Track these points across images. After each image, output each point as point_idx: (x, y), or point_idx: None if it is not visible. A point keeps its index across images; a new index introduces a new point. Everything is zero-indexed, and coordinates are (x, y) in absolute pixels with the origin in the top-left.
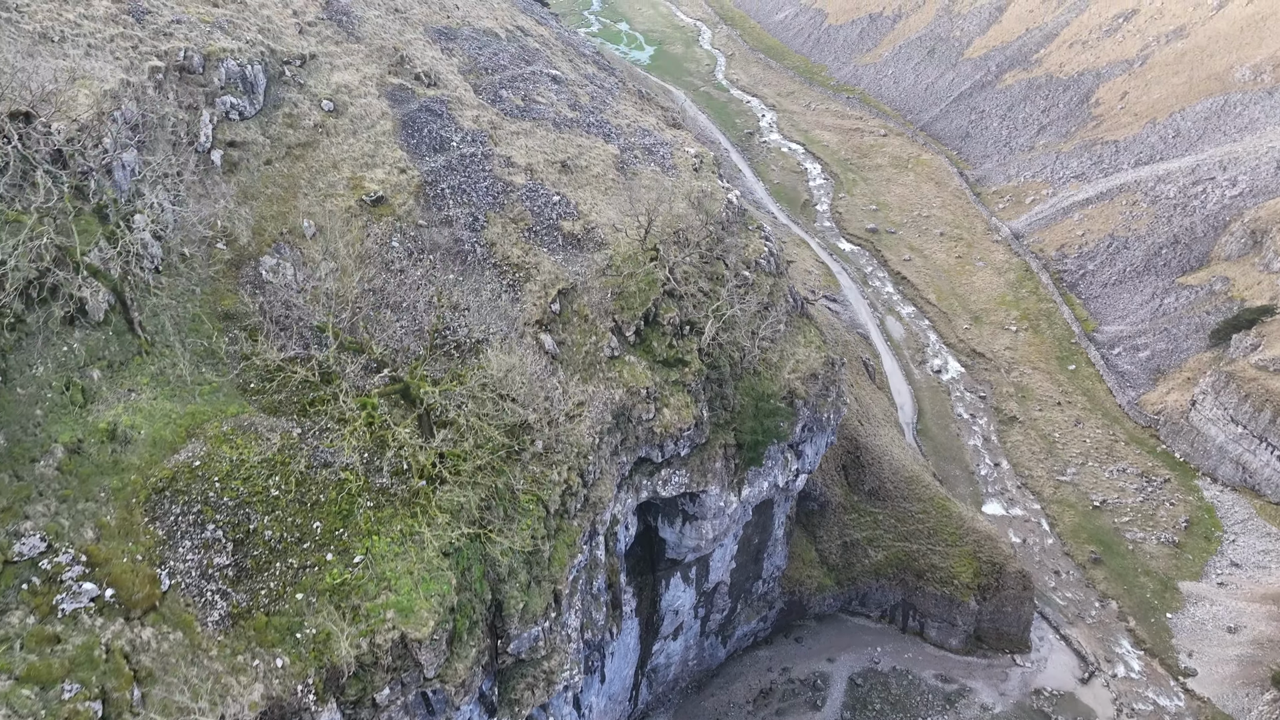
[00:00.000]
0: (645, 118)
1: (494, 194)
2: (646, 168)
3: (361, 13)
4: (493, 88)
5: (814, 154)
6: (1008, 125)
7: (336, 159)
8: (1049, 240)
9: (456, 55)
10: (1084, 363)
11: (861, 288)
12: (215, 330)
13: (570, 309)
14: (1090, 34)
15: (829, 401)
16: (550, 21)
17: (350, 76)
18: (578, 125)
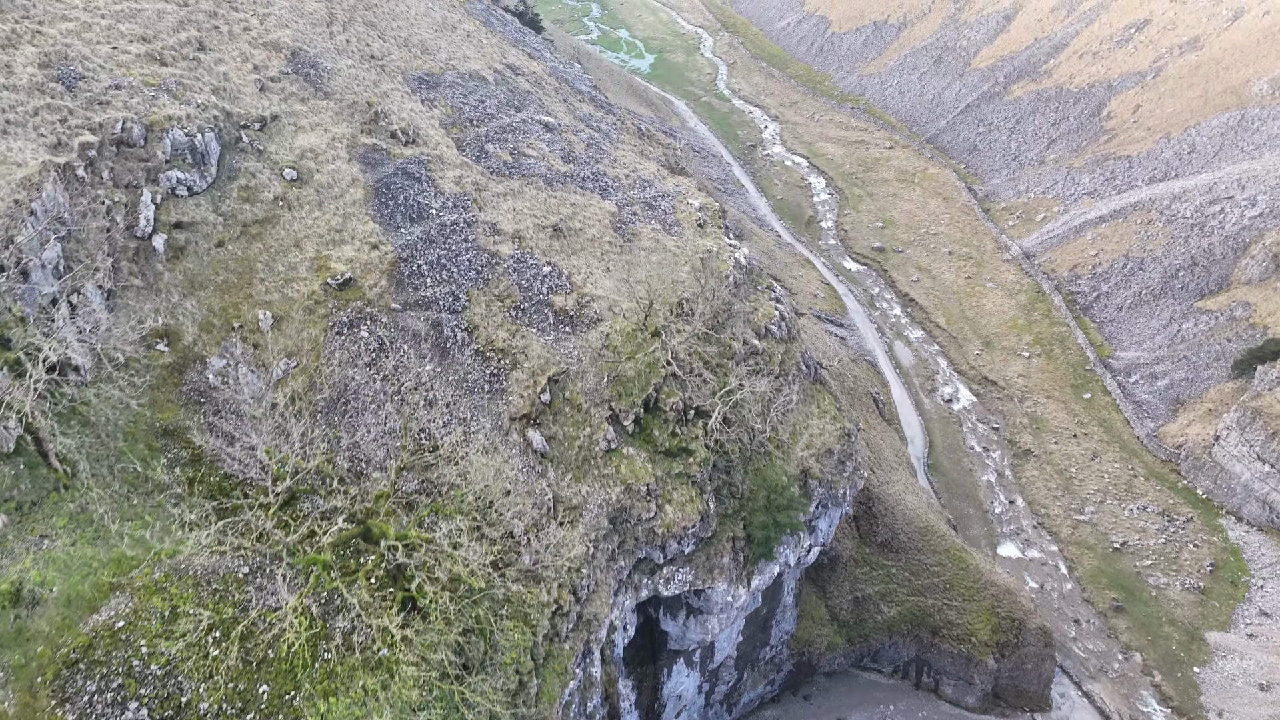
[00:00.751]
0: (645, 164)
1: (478, 268)
2: (647, 226)
3: (332, 63)
4: (478, 141)
5: (818, 167)
6: (1017, 138)
7: (299, 236)
8: (1061, 260)
9: (438, 106)
10: (1100, 391)
11: (869, 310)
12: (151, 452)
13: (562, 397)
14: (1101, 44)
15: (845, 476)
16: (544, 53)
17: (317, 139)
18: (571, 180)
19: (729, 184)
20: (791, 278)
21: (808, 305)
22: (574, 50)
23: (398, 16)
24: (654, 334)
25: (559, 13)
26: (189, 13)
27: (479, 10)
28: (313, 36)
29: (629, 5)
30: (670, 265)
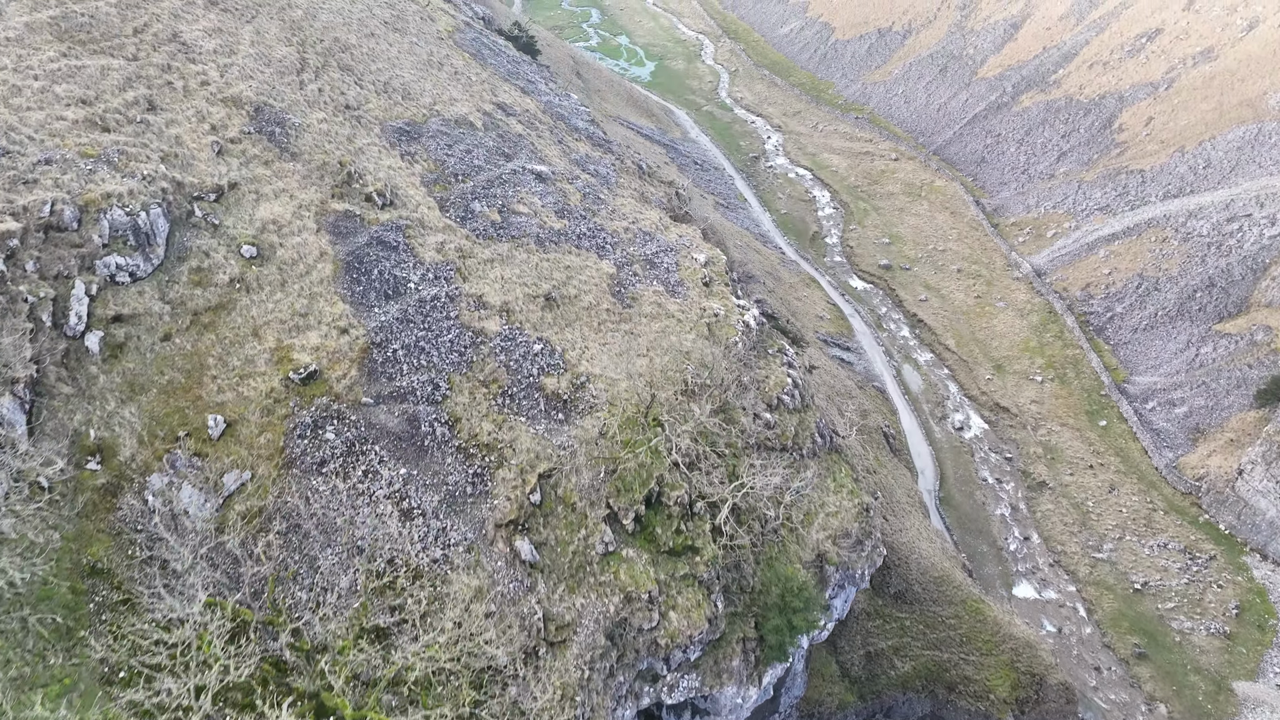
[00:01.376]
0: (646, 212)
1: (460, 349)
2: (648, 288)
3: (301, 118)
4: (463, 200)
5: (822, 180)
6: (1026, 151)
7: (258, 323)
8: (1073, 279)
9: (420, 160)
10: (1115, 418)
11: (876, 332)
12: (75, 595)
13: (554, 496)
14: (1112, 54)
15: (864, 555)
16: (538, 85)
17: (281, 208)
18: (566, 238)
19: (731, 198)
20: (797, 299)
21: (813, 328)
22: (572, 62)
23: (378, 57)
24: (655, 423)
25: (558, 18)
26: (138, 68)
27: (469, 41)
28: (280, 88)
29: (629, 11)
30: (675, 333)
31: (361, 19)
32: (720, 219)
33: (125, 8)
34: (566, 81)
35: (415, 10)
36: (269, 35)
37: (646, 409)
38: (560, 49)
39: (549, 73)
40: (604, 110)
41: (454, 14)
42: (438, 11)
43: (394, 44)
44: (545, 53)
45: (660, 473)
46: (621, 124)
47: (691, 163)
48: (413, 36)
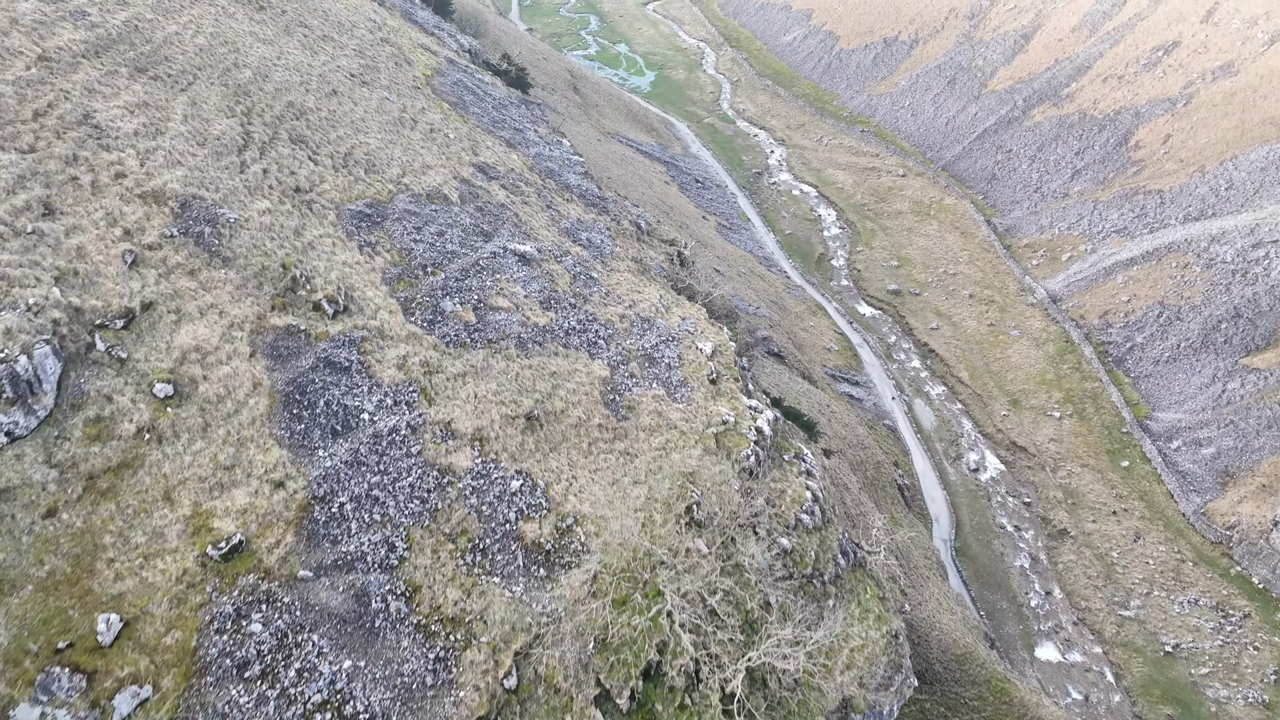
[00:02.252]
0: (646, 288)
1: (423, 495)
2: (647, 393)
3: (239, 211)
4: (432, 298)
5: (828, 198)
6: (1038, 168)
7: (171, 484)
8: (1090, 305)
9: (382, 251)
10: (1138, 458)
11: (886, 364)
12: None
13: (533, 675)
14: (1127, 68)
15: (893, 690)
16: (527, 132)
17: (208, 330)
18: (553, 336)
19: (734, 218)
20: (803, 329)
21: (821, 362)
22: (570, 77)
23: (339, 121)
24: (655, 593)
25: (556, 25)
26: (35, 161)
27: (449, 86)
28: (215, 174)
29: (628, 18)
30: (678, 449)
31: (324, 74)
32: (722, 242)
33: (25, 86)
34: (563, 98)
35: (389, 55)
36: (207, 106)
37: (645, 559)
38: (556, 63)
39: (540, 110)
40: (602, 126)
41: (436, 50)
42: (416, 51)
43: (360, 102)
44: (541, 68)
45: (660, 638)
46: (620, 141)
47: (693, 181)
48: (382, 90)
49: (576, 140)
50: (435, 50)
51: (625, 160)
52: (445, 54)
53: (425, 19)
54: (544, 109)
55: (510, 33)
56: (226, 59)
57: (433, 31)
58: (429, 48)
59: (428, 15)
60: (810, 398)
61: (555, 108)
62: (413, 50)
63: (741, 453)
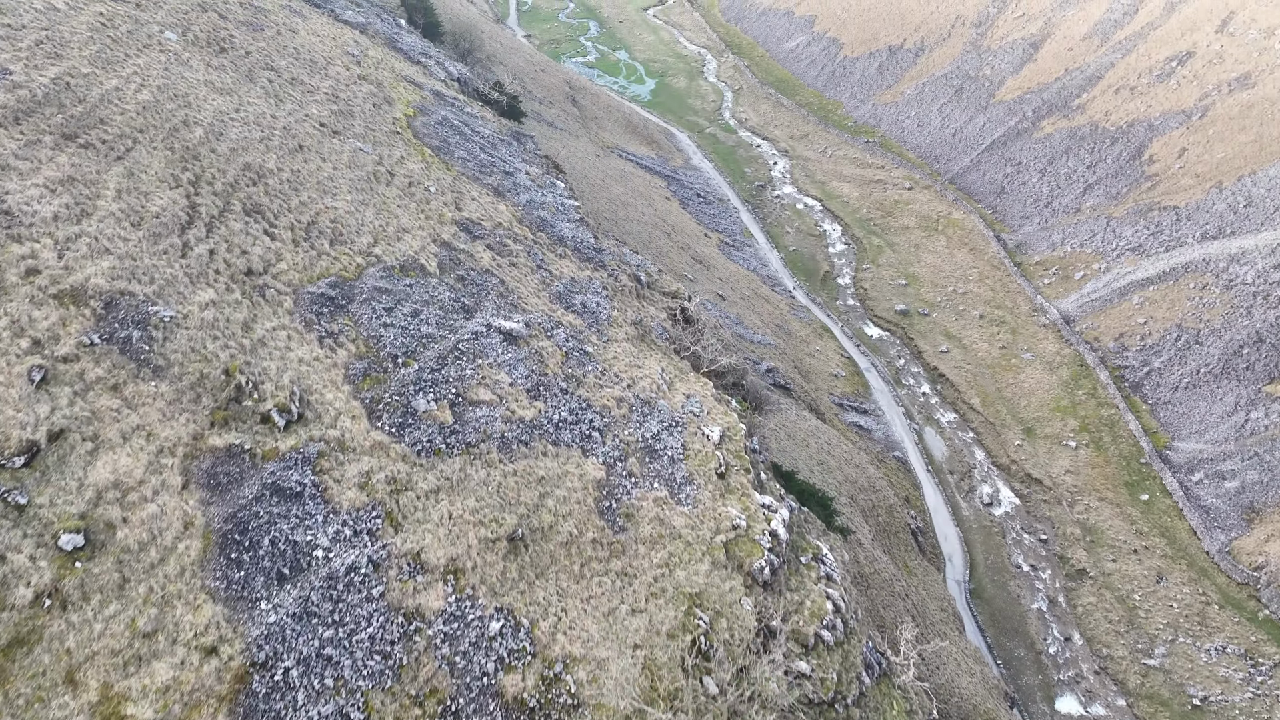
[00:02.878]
0: (646, 361)
1: (385, 648)
2: (647, 496)
3: (176, 307)
4: (403, 396)
5: (832, 212)
6: (1049, 181)
7: (76, 662)
8: (1105, 327)
9: (347, 342)
10: (1159, 491)
11: (894, 389)
12: None
13: None
14: (1139, 78)
15: None
16: (518, 174)
17: (131, 459)
18: (541, 432)
19: (736, 234)
20: (809, 354)
21: (828, 389)
22: (568, 89)
23: (304, 182)
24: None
25: (555, 32)
26: None
27: (432, 126)
28: (150, 261)
29: (628, 24)
30: (682, 564)
31: (289, 126)
32: (725, 261)
33: None
34: (561, 111)
35: (366, 95)
36: (147, 176)
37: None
38: (554, 74)
39: (534, 144)
40: (601, 140)
41: (422, 82)
42: (399, 86)
43: (329, 157)
44: (538, 80)
45: None
46: (619, 155)
47: (694, 195)
48: (356, 139)
49: (574, 157)
50: (420, 82)
51: (624, 176)
52: (432, 86)
53: (411, 45)
54: (538, 141)
55: (507, 42)
56: (175, 116)
57: (418, 60)
58: (413, 80)
59: (414, 40)
60: (818, 438)
61: (553, 122)
62: (395, 85)
63: (754, 564)
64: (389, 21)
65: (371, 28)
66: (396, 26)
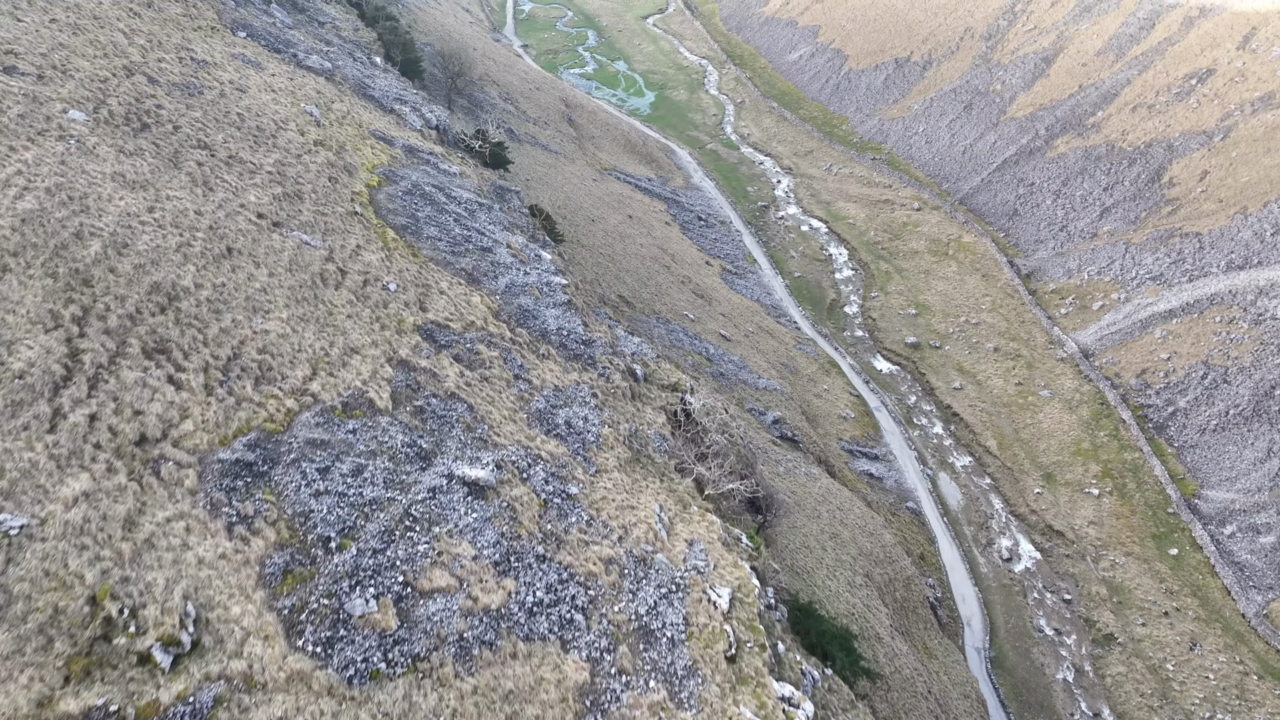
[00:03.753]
0: (641, 495)
1: None
2: (642, 700)
3: (32, 509)
4: (334, 596)
5: (838, 234)
6: (1063, 204)
7: None
8: (1126, 362)
9: (264, 526)
10: (1188, 544)
11: (906, 430)
12: None
13: None
14: (1157, 96)
15: None
16: (496, 255)
17: None
18: (510, 623)
19: (739, 259)
20: (816, 395)
21: (837, 434)
22: (564, 108)
23: (230, 299)
24: None
25: (551, 41)
26: None
27: (398, 198)
28: (2, 446)
29: (627, 33)
30: None
31: (216, 224)
32: (727, 292)
33: None
34: (556, 132)
35: (321, 166)
36: (16, 317)
37: None
38: (550, 92)
39: (519, 203)
40: (599, 161)
41: (394, 136)
42: (364, 147)
43: (265, 259)
44: (533, 99)
45: None
46: (617, 177)
47: (695, 219)
48: (303, 229)
49: (569, 185)
50: (392, 136)
51: (622, 202)
52: (405, 140)
53: (385, 89)
54: (525, 190)
55: (500, 59)
56: (65, 228)
57: (392, 108)
58: (384, 134)
59: (389, 82)
60: (830, 503)
61: (548, 145)
62: (360, 146)
63: None
64: (362, 61)
65: (340, 73)
66: (370, 66)
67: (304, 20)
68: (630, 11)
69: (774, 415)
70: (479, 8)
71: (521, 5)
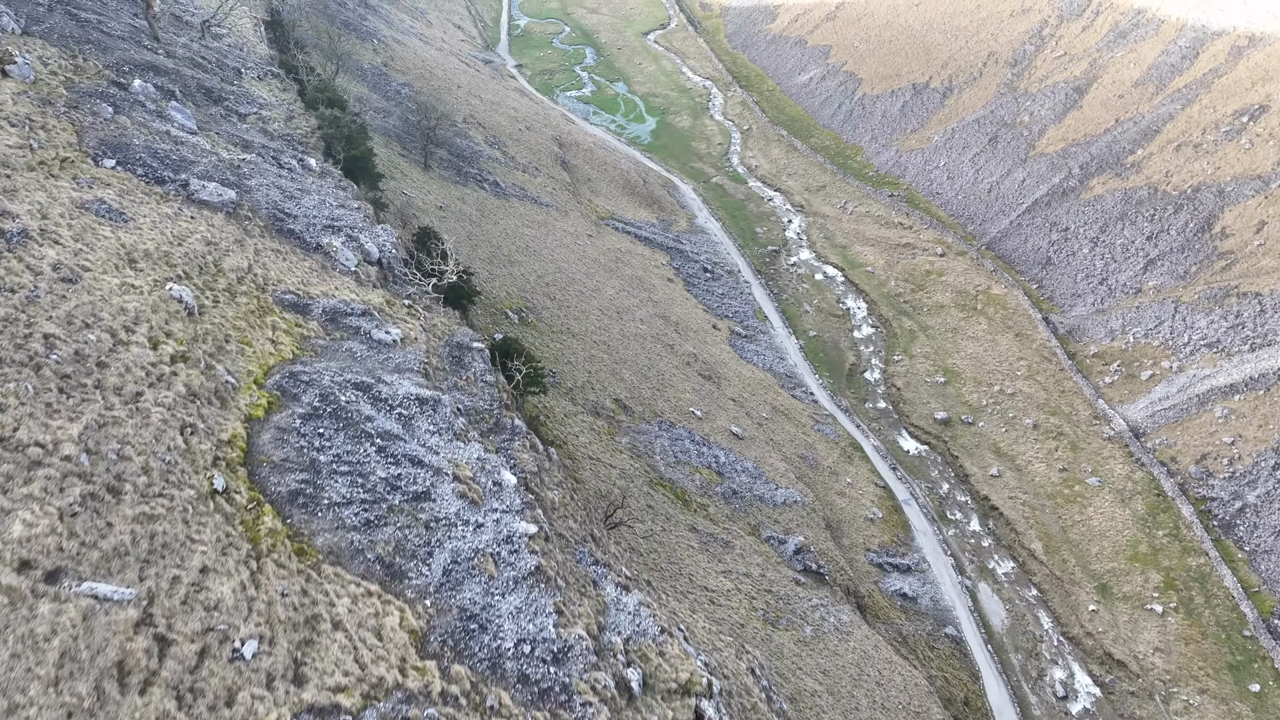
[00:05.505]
0: None
1: None
2: None
3: None
4: None
5: (856, 284)
6: (1102, 253)
7: None
8: (1183, 445)
9: None
10: (1271, 678)
11: (939, 529)
12: None
13: None
14: (1204, 134)
15: None
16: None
17: None
18: None
19: (749, 317)
20: (839, 494)
21: (864, 544)
22: (558, 148)
23: None
24: None
25: (547, 60)
26: None
27: (295, 435)
28: None
29: (627, 50)
30: None
31: None
32: (737, 362)
33: None
34: (548, 178)
35: (176, 401)
36: None
37: None
38: (542, 131)
39: (482, 363)
40: (595, 209)
41: (313, 296)
42: (258, 334)
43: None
44: (523, 141)
45: None
46: (615, 228)
47: (700, 270)
48: (98, 574)
49: (560, 248)
50: (310, 298)
51: (620, 261)
52: (329, 299)
53: (313, 213)
54: (487, 356)
55: (487, 96)
56: None
57: (318, 243)
58: (298, 297)
59: (322, 197)
60: (867, 674)
61: (538, 198)
62: (253, 334)
63: None
64: (291, 166)
65: (251, 198)
66: (301, 173)
67: (219, 115)
68: (630, 27)
69: (795, 543)
70: (471, 24)
71: (517, 20)
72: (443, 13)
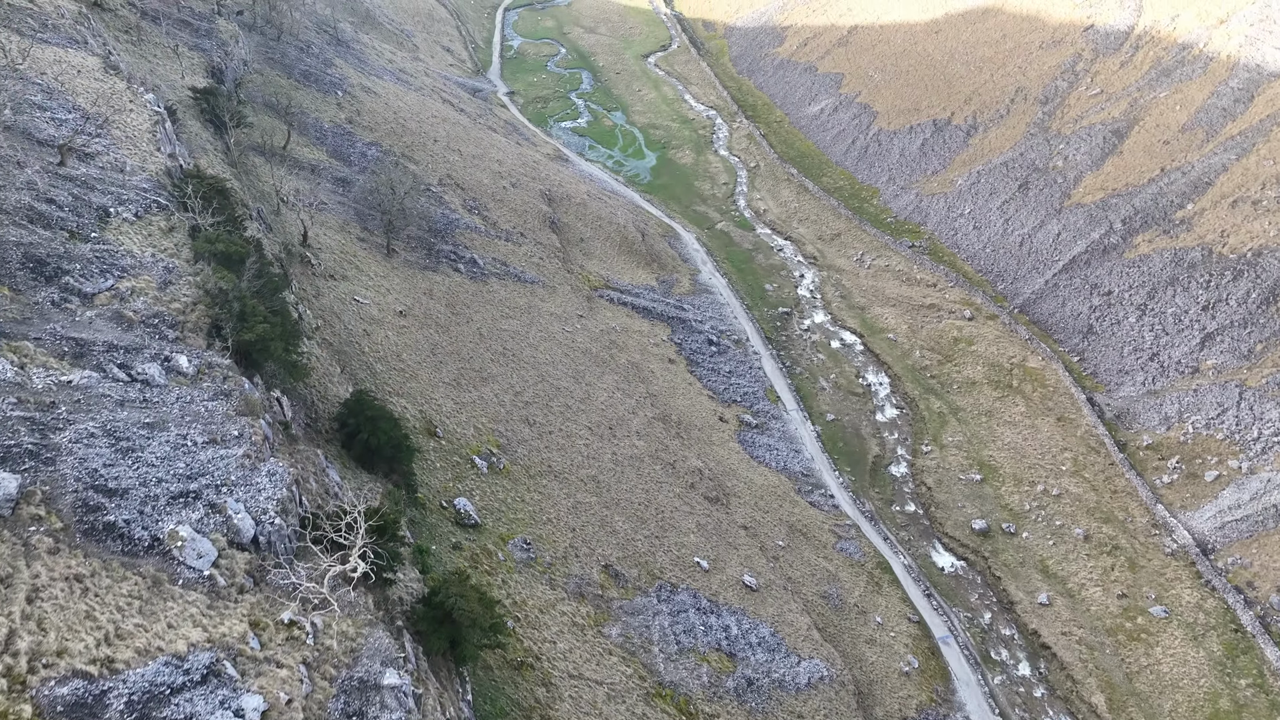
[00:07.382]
0: None
1: None
2: None
3: None
4: None
5: (877, 355)
6: (1152, 323)
7: None
8: (1261, 565)
9: None
10: None
11: (983, 677)
12: None
13: None
14: (1263, 189)
15: None
16: None
17: None
18: None
19: (759, 399)
20: (868, 642)
21: (899, 708)
22: (547, 207)
23: None
24: None
25: (541, 86)
26: None
27: None
28: None
29: (626, 75)
30: None
31: None
32: (747, 464)
33: None
34: (534, 246)
35: None
36: None
37: None
38: (529, 188)
39: None
40: (588, 277)
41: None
42: None
43: None
44: (507, 202)
45: None
46: (610, 299)
47: (705, 343)
48: None
49: (544, 342)
50: (107, 678)
51: (615, 344)
52: (139, 674)
53: (151, 483)
54: None
55: (467, 150)
56: None
57: (153, 541)
58: (83, 692)
59: (164, 458)
60: None
61: (521, 275)
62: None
63: None
64: (149, 374)
65: (53, 474)
66: (163, 382)
67: (47, 305)
68: (629, 49)
69: None
70: (462, 46)
71: (510, 41)
72: (431, 34)
